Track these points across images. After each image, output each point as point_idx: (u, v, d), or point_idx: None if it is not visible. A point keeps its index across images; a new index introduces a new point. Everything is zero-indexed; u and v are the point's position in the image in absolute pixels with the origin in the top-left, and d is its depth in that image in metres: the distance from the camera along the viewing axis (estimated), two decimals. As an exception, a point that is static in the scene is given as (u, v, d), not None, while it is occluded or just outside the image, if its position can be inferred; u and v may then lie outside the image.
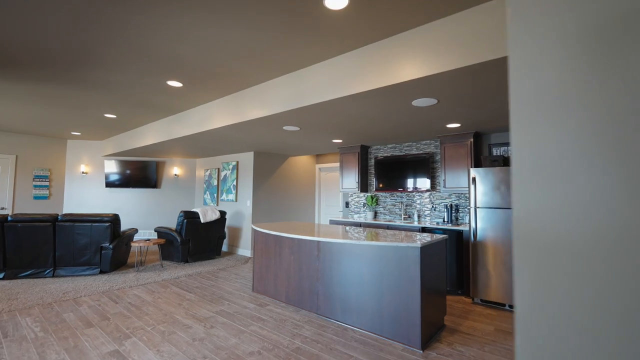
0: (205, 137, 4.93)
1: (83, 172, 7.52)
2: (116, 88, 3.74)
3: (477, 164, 4.36)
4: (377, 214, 5.52)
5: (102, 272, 4.76)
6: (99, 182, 7.62)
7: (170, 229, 5.60)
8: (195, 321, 3.06)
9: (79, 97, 4.12)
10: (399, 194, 5.27)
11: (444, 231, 4.16)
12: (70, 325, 2.93)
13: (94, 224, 4.63)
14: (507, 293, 3.49)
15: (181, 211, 5.55)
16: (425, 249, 2.65)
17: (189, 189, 8.03)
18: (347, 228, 4.04)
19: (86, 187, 7.58)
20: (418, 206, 5.03)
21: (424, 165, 4.86)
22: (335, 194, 7.37)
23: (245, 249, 6.48)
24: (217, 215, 5.85)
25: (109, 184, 7.49)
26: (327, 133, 4.51)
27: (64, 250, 4.55)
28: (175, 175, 7.91)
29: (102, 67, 3.14)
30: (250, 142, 5.33)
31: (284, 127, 4.13)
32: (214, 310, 3.37)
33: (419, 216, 4.99)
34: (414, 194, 5.10)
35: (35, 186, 7.07)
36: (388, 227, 4.69)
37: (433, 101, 2.89)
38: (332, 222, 5.43)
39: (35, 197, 7.07)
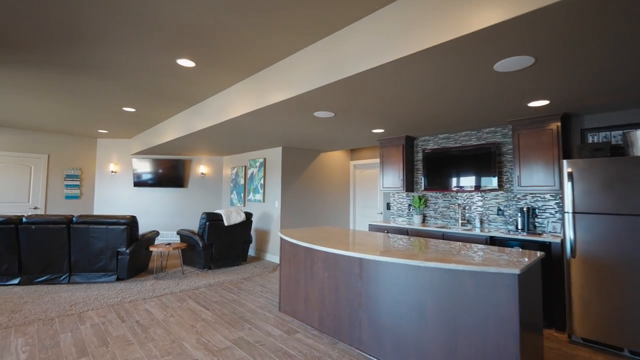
0: (224, 129, 4.36)
1: (112, 172, 7.37)
2: (123, 73, 3.25)
3: (567, 155, 3.36)
4: (426, 218, 4.64)
5: (119, 279, 4.36)
6: (128, 181, 7.43)
7: (192, 232, 5.14)
8: (206, 353, 2.45)
9: (89, 86, 3.70)
10: (453, 194, 4.35)
11: (522, 243, 3.22)
12: (62, 352, 2.43)
13: (109, 227, 4.24)
14: (626, 332, 2.50)
15: (203, 213, 5.06)
16: (524, 276, 1.80)
17: (216, 189, 7.62)
18: (391, 235, 3.25)
19: (115, 186, 7.42)
20: (480, 209, 4.08)
21: (487, 159, 3.92)
22: (373, 194, 6.54)
23: (273, 255, 5.87)
24: (242, 218, 5.29)
25: (137, 184, 7.27)
26: (367, 120, 3.74)
27: (80, 255, 4.20)
28: (202, 174, 7.53)
29: (101, 44, 2.63)
30: (277, 134, 4.69)
31: (315, 114, 3.43)
32: (231, 337, 2.74)
33: (481, 222, 4.05)
34: (473, 194, 4.16)
35: (67, 186, 7.01)
36: (443, 236, 3.81)
37: (528, 61, 2.01)
38: (371, 227, 4.64)
39: (67, 197, 7.00)
